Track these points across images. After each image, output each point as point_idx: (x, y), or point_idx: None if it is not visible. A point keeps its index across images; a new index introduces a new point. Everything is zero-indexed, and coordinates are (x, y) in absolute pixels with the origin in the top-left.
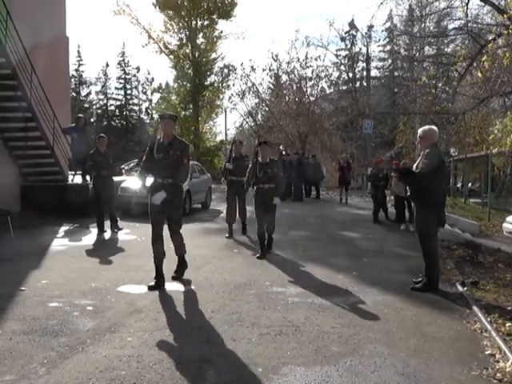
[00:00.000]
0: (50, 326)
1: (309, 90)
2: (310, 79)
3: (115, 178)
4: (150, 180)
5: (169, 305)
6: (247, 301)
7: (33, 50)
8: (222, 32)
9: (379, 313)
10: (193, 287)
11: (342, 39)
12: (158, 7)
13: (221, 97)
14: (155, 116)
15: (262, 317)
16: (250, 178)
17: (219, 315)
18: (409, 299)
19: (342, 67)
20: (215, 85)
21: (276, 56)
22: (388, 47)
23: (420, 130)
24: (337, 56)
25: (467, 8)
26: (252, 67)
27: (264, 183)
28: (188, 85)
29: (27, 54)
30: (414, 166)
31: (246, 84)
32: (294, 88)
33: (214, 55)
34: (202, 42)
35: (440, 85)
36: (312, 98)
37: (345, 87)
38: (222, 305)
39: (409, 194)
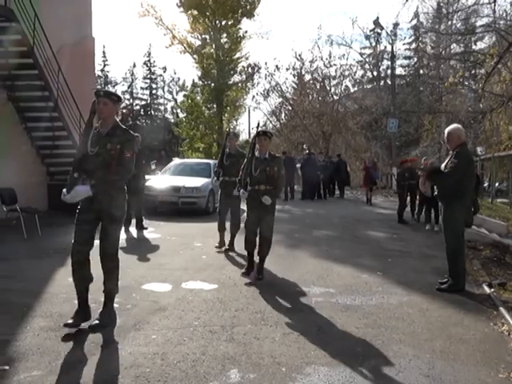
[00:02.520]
0: None
1: (332, 88)
2: (334, 78)
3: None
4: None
5: (193, 303)
6: (271, 300)
7: (60, 51)
8: (246, 32)
9: (404, 313)
10: (216, 286)
11: (367, 37)
12: (182, 7)
13: (245, 96)
14: (180, 115)
15: (286, 316)
16: (244, 176)
17: (243, 314)
18: (434, 300)
19: (367, 66)
20: (239, 84)
21: (299, 55)
22: (414, 45)
23: (447, 130)
24: (361, 54)
25: (495, 5)
26: (276, 66)
27: (260, 184)
28: (212, 84)
29: (54, 54)
30: (443, 165)
31: (270, 83)
32: (318, 87)
33: (238, 55)
34: (226, 42)
35: (467, 83)
36: (336, 97)
37: (369, 86)
38: (246, 304)
39: (436, 193)
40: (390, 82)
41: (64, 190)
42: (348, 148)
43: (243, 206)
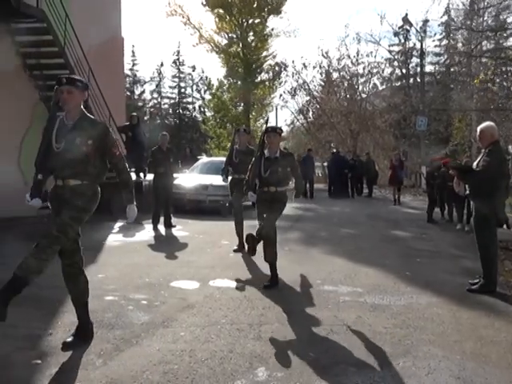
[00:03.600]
0: (106, 319)
1: (360, 86)
2: (362, 76)
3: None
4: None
5: (220, 301)
6: (298, 299)
7: (89, 51)
8: (272, 30)
9: (433, 314)
10: (243, 284)
11: (395, 34)
12: (207, 6)
13: (272, 95)
14: (208, 114)
15: (313, 315)
16: (252, 178)
17: (270, 313)
18: (464, 301)
19: (395, 63)
20: (266, 82)
21: (326, 53)
22: (444, 42)
23: (480, 128)
24: (390, 52)
25: None
26: (304, 64)
27: (270, 185)
28: (239, 82)
29: (84, 54)
30: (475, 163)
31: (297, 81)
32: (346, 85)
33: (264, 53)
34: (253, 40)
35: (498, 80)
36: (364, 95)
37: (398, 83)
38: (273, 302)
39: (467, 192)
40: (419, 80)
41: (27, 196)
42: (376, 146)
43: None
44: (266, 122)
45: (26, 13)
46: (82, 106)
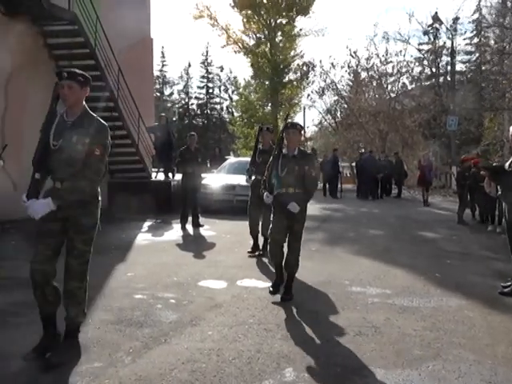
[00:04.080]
0: (135, 317)
1: (389, 86)
2: (391, 75)
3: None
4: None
5: (248, 301)
6: (326, 300)
7: (120, 52)
8: (301, 29)
9: (464, 317)
10: (271, 285)
11: (425, 33)
12: (235, 7)
13: (299, 95)
14: (235, 114)
15: (341, 316)
16: (269, 177)
17: (298, 313)
18: (496, 304)
19: (425, 62)
20: (294, 82)
21: (354, 53)
22: (475, 40)
23: (511, 128)
24: (419, 50)
25: None
26: (332, 64)
27: (288, 186)
28: (266, 83)
29: (114, 56)
30: (507, 164)
31: (325, 81)
32: (374, 84)
33: (292, 53)
34: (281, 40)
35: None
36: (392, 95)
37: (427, 83)
38: (301, 303)
39: (499, 193)
40: (449, 79)
41: (23, 196)
42: (405, 146)
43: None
44: (286, 118)
45: (58, 15)
46: (84, 103)
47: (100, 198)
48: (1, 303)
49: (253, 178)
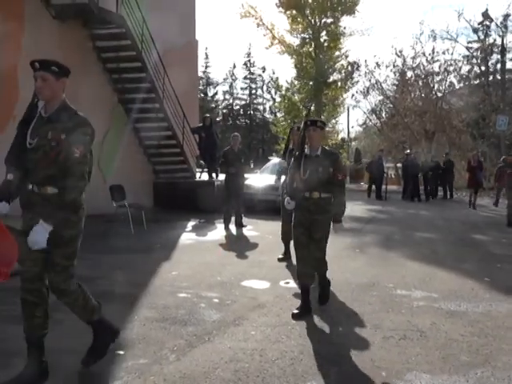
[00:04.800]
0: (179, 316)
1: (436, 85)
2: (438, 74)
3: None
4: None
5: (291, 301)
6: (370, 302)
7: (165, 54)
8: (345, 29)
9: None
10: (314, 286)
11: (475, 31)
12: (281, 7)
13: (344, 95)
14: (278, 115)
15: (386, 319)
16: (290, 180)
17: (341, 315)
18: None
19: (474, 60)
20: (338, 83)
21: (400, 52)
22: None
23: None
24: (468, 49)
25: None
26: (377, 63)
27: (312, 190)
28: (310, 83)
29: (160, 58)
30: None
31: (370, 81)
32: (420, 84)
33: (337, 53)
34: (326, 40)
35: None
36: (439, 94)
37: (476, 81)
38: (344, 305)
39: None
40: (499, 77)
41: None
42: (452, 147)
43: None
44: (308, 113)
45: (107, 19)
46: (63, 96)
47: (84, 206)
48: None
49: (283, 178)
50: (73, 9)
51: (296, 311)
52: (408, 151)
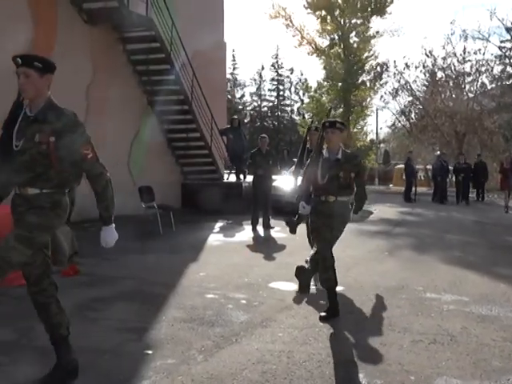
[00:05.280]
0: (207, 316)
1: (467, 86)
2: (469, 75)
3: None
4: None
5: (318, 304)
6: (398, 305)
7: (193, 56)
8: (375, 30)
9: None
10: (342, 288)
11: (507, 30)
12: (309, 9)
13: (372, 96)
14: (306, 116)
15: (415, 323)
16: (306, 184)
17: (369, 318)
18: None
19: (507, 60)
20: (367, 84)
21: (430, 52)
22: None
23: None
24: (500, 48)
25: None
26: (406, 64)
27: (328, 194)
28: (339, 84)
29: (189, 60)
30: None
31: (399, 82)
32: (451, 84)
33: (366, 54)
34: (355, 41)
35: None
36: (471, 95)
37: (509, 82)
38: (372, 308)
39: None
40: None
41: None
42: (484, 148)
43: None
44: (329, 113)
45: (136, 22)
46: (49, 93)
47: (64, 207)
48: (81, 298)
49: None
50: (104, 13)
51: (323, 314)
52: (438, 153)
